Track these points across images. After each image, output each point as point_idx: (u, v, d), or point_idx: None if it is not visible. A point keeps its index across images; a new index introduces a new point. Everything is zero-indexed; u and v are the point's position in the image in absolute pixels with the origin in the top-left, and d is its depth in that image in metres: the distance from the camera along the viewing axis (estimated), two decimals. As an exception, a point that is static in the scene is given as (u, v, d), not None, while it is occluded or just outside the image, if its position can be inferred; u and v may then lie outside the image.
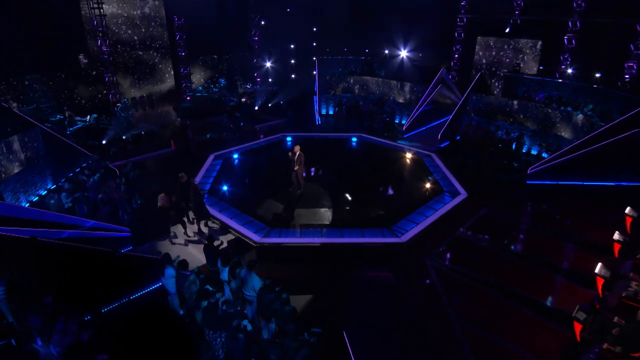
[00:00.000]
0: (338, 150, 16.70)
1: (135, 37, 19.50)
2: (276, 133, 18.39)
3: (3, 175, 11.18)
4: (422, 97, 19.64)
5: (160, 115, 19.97)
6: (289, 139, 17.80)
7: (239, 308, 7.85)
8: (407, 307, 8.88)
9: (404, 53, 22.81)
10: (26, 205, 11.41)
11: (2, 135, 11.21)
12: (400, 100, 21.29)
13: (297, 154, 12.43)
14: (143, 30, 19.66)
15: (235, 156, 15.75)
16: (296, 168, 12.48)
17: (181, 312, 8.50)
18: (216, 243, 9.74)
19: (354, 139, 18.04)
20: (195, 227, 11.37)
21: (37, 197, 11.93)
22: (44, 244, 7.80)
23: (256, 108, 20.70)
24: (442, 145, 17.33)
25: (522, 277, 9.67)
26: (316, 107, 21.31)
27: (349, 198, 12.85)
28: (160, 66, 20.60)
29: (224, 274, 8.63)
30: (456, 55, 23.66)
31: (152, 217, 11.25)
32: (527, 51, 18.72)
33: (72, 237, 9.40)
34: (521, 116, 17.60)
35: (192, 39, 21.31)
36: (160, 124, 18.56)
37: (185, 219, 11.41)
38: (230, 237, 11.07)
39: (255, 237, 10.66)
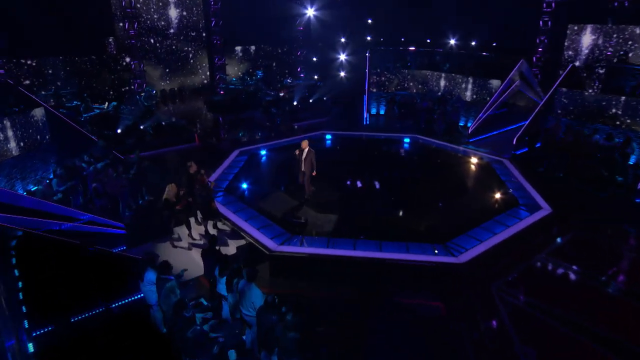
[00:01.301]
0: (387, 151, 16.01)
1: (168, 24, 19.55)
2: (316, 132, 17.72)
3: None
4: (494, 95, 17.91)
5: (189, 110, 19.89)
6: (328, 136, 17.10)
7: (229, 332, 6.52)
8: (462, 350, 7.10)
9: (471, 44, 21.09)
10: (24, 194, 11.01)
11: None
12: (466, 99, 19.72)
13: (305, 150, 11.22)
14: (177, 16, 19.71)
15: (263, 152, 15.27)
16: (303, 168, 11.32)
17: (164, 329, 7.31)
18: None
19: (407, 140, 16.94)
20: (202, 229, 10.48)
21: (35, 186, 11.62)
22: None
23: (295, 103, 20.06)
24: (519, 153, 15.30)
25: (623, 320, 7.83)
26: (365, 105, 20.59)
27: (394, 205, 11.67)
28: (193, 56, 20.53)
29: (222, 286, 7.43)
30: (540, 49, 21.34)
31: (156, 215, 10.66)
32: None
33: (54, 230, 8.68)
34: (628, 119, 15.01)
35: (229, 26, 21.11)
36: (189, 119, 18.42)
37: (193, 219, 10.64)
38: (242, 242, 9.94)
39: (271, 244, 9.52)
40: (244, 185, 12.38)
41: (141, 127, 16.03)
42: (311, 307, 8.08)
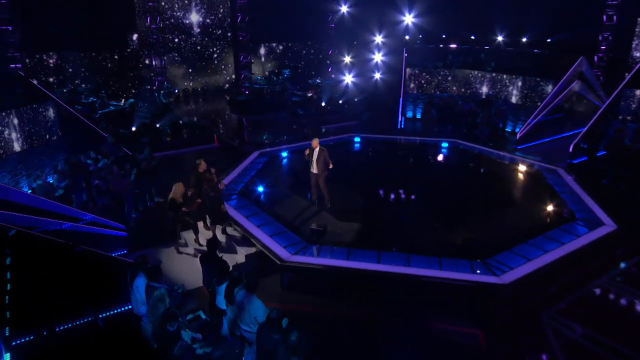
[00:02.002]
0: (422, 157, 15.47)
1: (193, 21, 19.69)
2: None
3: (1, 151, 10.88)
4: (547, 98, 16.96)
5: (211, 110, 19.98)
6: (357, 139, 16.59)
7: (228, 351, 5.88)
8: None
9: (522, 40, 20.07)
10: (28, 192, 10.98)
11: (5, 106, 11.02)
12: (514, 101, 18.87)
13: (316, 150, 10.61)
14: (202, 14, 19.84)
15: (284, 154, 14.93)
16: (315, 171, 10.67)
17: (155, 344, 6.77)
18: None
19: (445, 145, 16.24)
20: (210, 234, 9.87)
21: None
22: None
23: (323, 104, 19.83)
24: (576, 162, 14.16)
25: None
26: (400, 107, 19.87)
27: (427, 215, 10.94)
28: (218, 55, 20.68)
29: (220, 297, 6.85)
30: (603, 46, 19.97)
31: (164, 217, 10.34)
32: None
33: (47, 230, 8.43)
34: None
35: (256, 22, 21.06)
36: (210, 119, 18.39)
37: (201, 222, 10.26)
38: (252, 250, 9.45)
39: (283, 254, 8.98)
40: (260, 189, 12.00)
41: (157, 126, 16.00)
42: (323, 327, 7.51)
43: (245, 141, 17.33)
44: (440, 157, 15.55)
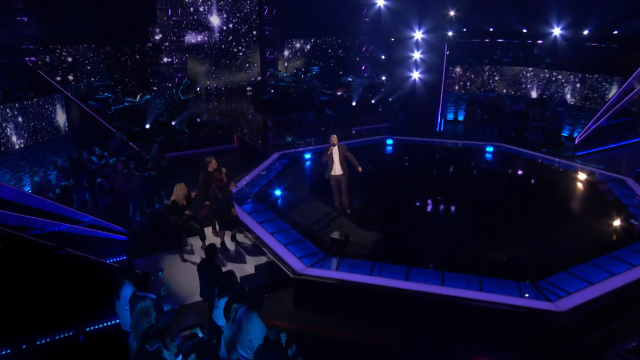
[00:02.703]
0: (462, 162, 14.88)
1: (217, 17, 19.65)
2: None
3: (2, 148, 10.85)
4: (612, 98, 16.14)
5: (233, 109, 20.04)
6: (389, 141, 16.20)
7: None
8: None
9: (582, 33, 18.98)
10: (28, 190, 10.88)
11: (11, 98, 11.00)
12: (572, 102, 18.10)
13: (335, 146, 10.12)
14: (227, 9, 19.84)
15: (307, 156, 14.58)
16: (339, 172, 10.18)
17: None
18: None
19: (490, 149, 15.54)
20: (218, 241, 9.54)
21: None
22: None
23: (354, 104, 19.69)
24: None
25: None
26: (440, 108, 19.62)
27: (467, 227, 10.22)
28: (244, 53, 20.88)
29: (217, 312, 6.32)
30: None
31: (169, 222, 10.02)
32: None
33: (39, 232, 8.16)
34: None
35: (284, 16, 21.08)
36: (232, 119, 18.42)
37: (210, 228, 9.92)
38: (263, 260, 8.96)
39: (297, 265, 8.48)
40: (278, 193, 11.69)
41: (173, 124, 15.98)
42: (338, 353, 6.98)
43: (269, 143, 17.22)
44: (484, 163, 14.88)
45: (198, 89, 20.35)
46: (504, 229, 10.05)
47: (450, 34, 22.48)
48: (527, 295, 7.57)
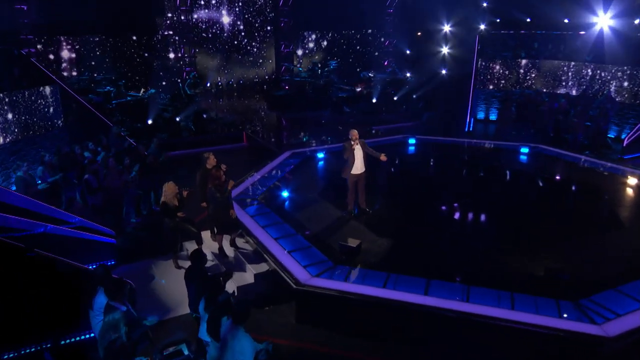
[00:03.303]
0: (493, 164, 14.32)
1: (229, 9, 19.66)
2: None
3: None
4: None
5: (245, 106, 20.04)
6: (412, 140, 15.80)
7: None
8: None
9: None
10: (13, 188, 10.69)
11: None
12: (620, 99, 17.39)
13: (357, 142, 9.76)
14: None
15: (321, 156, 14.27)
16: (359, 170, 9.85)
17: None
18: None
19: (525, 150, 14.92)
20: (216, 246, 9.21)
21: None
22: None
23: (374, 101, 19.43)
24: None
25: None
26: (469, 107, 19.22)
27: (497, 236, 9.69)
28: (258, 48, 20.91)
29: (203, 328, 5.86)
30: None
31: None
32: None
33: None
34: None
35: (301, 7, 21.00)
36: (243, 116, 18.35)
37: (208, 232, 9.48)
38: (264, 268, 8.54)
39: (302, 275, 8.03)
40: (286, 194, 11.35)
41: (177, 120, 15.89)
42: None
43: (282, 142, 17.06)
44: (518, 166, 14.29)
45: (208, 84, 20.35)
46: (541, 239, 9.40)
47: (482, 26, 21.95)
48: (567, 316, 6.99)
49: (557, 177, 13.50)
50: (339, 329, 7.33)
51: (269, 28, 21.34)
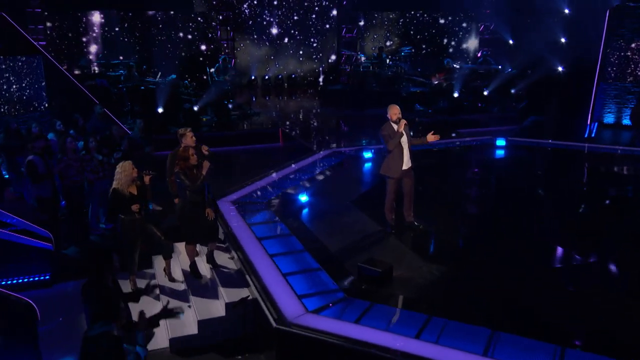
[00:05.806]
0: (619, 173, 13.48)
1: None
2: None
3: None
4: None
5: (295, 103, 20.34)
6: (501, 142, 14.88)
7: None
8: None
9: None
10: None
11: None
12: None
13: (401, 122, 8.75)
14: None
15: (368, 156, 13.71)
16: (407, 165, 8.86)
17: None
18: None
19: None
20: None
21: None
22: None
23: (456, 95, 18.47)
24: None
25: None
26: (591, 107, 18.22)
27: (609, 273, 8.27)
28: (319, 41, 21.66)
29: None
30: None
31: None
32: None
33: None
34: None
35: None
36: (278, 112, 18.55)
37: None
38: (242, 295, 7.20)
39: (291, 309, 6.53)
40: (305, 199, 10.48)
41: (195, 109, 15.59)
42: None
43: (327, 145, 16.56)
44: None
45: (253, 77, 20.96)
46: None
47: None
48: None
49: None
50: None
51: (333, 14, 21.58)
